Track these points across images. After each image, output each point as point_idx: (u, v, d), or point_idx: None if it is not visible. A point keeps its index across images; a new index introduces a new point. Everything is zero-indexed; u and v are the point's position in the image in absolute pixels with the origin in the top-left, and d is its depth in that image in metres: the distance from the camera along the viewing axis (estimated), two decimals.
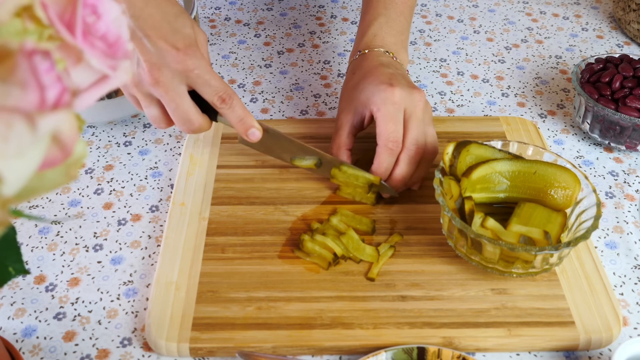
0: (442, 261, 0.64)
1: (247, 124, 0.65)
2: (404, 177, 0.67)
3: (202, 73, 0.62)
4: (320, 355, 0.58)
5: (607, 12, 1.07)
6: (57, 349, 0.58)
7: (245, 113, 0.65)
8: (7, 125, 0.25)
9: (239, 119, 0.65)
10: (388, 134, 0.65)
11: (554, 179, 0.64)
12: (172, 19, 0.61)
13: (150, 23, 0.60)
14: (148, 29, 0.60)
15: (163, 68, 0.60)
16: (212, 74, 0.63)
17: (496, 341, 0.57)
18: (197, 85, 0.63)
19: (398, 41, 0.74)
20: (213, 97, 0.63)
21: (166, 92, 0.61)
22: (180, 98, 0.62)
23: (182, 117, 0.63)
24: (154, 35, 0.60)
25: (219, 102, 0.63)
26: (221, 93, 0.63)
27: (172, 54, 0.60)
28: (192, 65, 0.61)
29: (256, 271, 0.63)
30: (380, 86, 0.66)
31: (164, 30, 0.61)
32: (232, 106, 0.64)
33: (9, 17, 0.27)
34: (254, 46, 0.98)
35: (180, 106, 0.62)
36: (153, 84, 0.61)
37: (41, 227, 0.69)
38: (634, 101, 0.75)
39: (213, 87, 0.63)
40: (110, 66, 0.30)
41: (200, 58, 0.62)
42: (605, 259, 0.67)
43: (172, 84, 0.61)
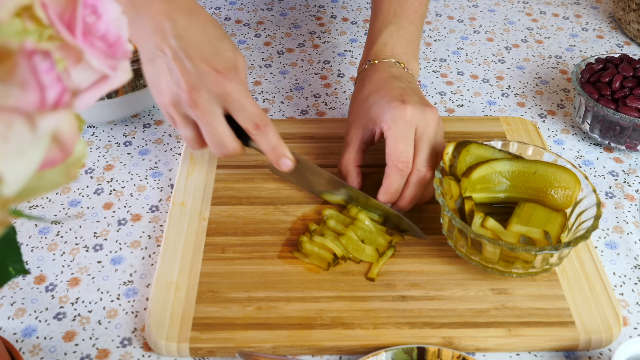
0: (442, 261, 0.64)
1: (280, 152, 0.64)
2: (414, 199, 0.65)
3: (240, 98, 0.61)
4: (320, 355, 0.58)
5: (607, 12, 1.07)
6: (57, 349, 0.58)
7: (278, 142, 0.64)
8: (7, 125, 0.25)
9: (271, 147, 0.64)
10: (398, 154, 0.63)
11: (554, 179, 0.64)
12: (215, 41, 0.61)
13: (192, 43, 0.60)
14: (190, 50, 0.60)
15: (202, 90, 0.60)
16: (249, 99, 0.62)
17: (496, 341, 0.57)
18: (233, 110, 0.62)
19: (409, 50, 0.72)
20: (248, 123, 0.62)
21: (203, 114, 0.61)
22: (217, 121, 0.61)
23: (216, 141, 0.62)
24: (196, 56, 0.60)
25: (253, 129, 0.62)
26: (256, 119, 0.62)
27: (212, 77, 0.60)
28: (231, 89, 0.60)
29: (256, 271, 0.63)
30: (392, 103, 0.64)
31: (206, 51, 0.60)
32: (266, 134, 0.63)
33: (9, 17, 0.27)
34: (254, 46, 0.98)
35: (216, 130, 0.62)
36: (191, 105, 0.60)
37: (41, 227, 0.69)
38: (634, 101, 0.75)
39: (249, 112, 0.62)
40: (110, 66, 0.30)
41: (239, 83, 0.61)
42: (605, 259, 0.67)
43: (209, 106, 0.60)
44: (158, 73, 0.61)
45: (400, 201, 0.66)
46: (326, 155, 0.76)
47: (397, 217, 0.66)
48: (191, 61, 0.60)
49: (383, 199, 0.65)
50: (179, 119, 0.63)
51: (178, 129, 0.64)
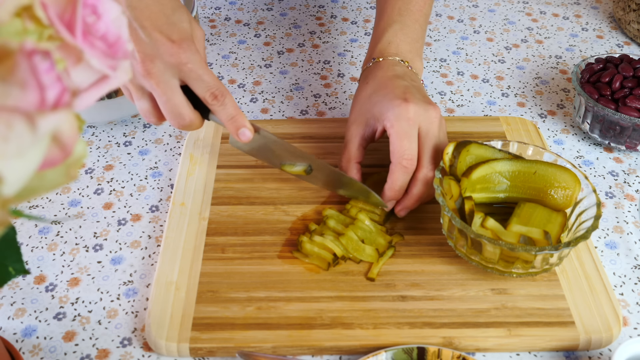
0: (442, 261, 0.64)
1: (239, 122, 0.64)
2: (421, 197, 0.65)
3: (195, 68, 0.60)
4: (320, 355, 0.58)
5: (607, 12, 1.07)
6: (57, 349, 0.58)
7: (237, 111, 0.63)
8: (7, 125, 0.25)
9: (230, 117, 0.63)
10: (403, 151, 0.63)
11: (554, 179, 0.64)
12: (170, 12, 0.61)
13: (146, 14, 0.59)
14: (144, 20, 0.59)
15: (156, 60, 0.59)
16: (206, 69, 0.61)
17: (496, 341, 0.57)
18: (189, 80, 0.61)
19: (413, 49, 0.72)
20: (205, 92, 0.62)
21: (158, 84, 0.60)
22: (172, 91, 0.61)
23: (172, 111, 0.62)
24: (150, 26, 0.59)
25: (211, 99, 0.62)
26: (213, 89, 0.62)
27: (167, 46, 0.59)
28: (186, 58, 0.60)
29: (256, 271, 0.63)
30: (395, 101, 0.64)
31: (160, 21, 0.60)
32: (224, 104, 0.63)
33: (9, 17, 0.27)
34: (254, 46, 0.98)
35: (171, 99, 0.61)
36: (145, 75, 0.59)
37: (41, 227, 0.69)
38: (634, 101, 0.75)
39: (205, 82, 0.61)
40: (110, 66, 0.30)
41: (194, 52, 0.61)
42: (605, 259, 0.67)
43: (164, 76, 0.60)
44: None
45: (406, 199, 0.66)
46: (326, 155, 0.76)
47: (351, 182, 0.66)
48: (145, 31, 0.59)
49: (388, 196, 0.65)
50: (134, 91, 0.62)
51: (134, 102, 0.63)
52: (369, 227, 0.66)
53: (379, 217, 0.67)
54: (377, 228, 0.66)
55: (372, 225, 0.66)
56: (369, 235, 0.65)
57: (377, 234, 0.65)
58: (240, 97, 0.88)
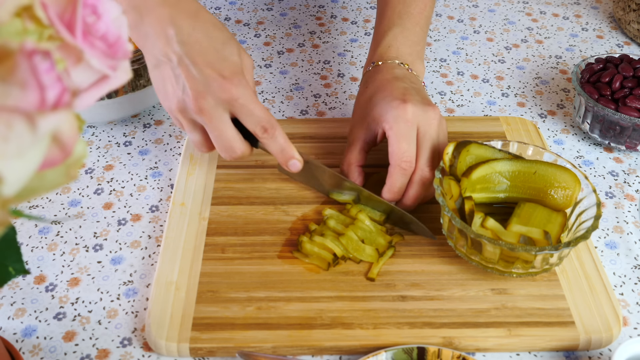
0: (442, 261, 0.64)
1: (288, 154, 0.65)
2: (417, 198, 0.66)
3: (247, 103, 0.61)
4: (320, 355, 0.58)
5: (607, 12, 1.07)
6: (57, 349, 0.58)
7: (287, 144, 0.64)
8: (7, 125, 0.25)
9: (280, 150, 0.64)
10: (401, 153, 0.63)
11: (554, 179, 0.64)
12: (220, 46, 0.61)
13: (197, 49, 0.60)
14: (195, 56, 0.60)
15: (207, 96, 0.60)
16: (257, 103, 0.62)
17: (496, 341, 0.57)
18: (240, 115, 0.62)
19: (413, 52, 0.72)
20: (256, 127, 0.62)
21: (210, 120, 0.61)
22: (224, 126, 0.62)
23: (225, 145, 0.63)
24: (201, 62, 0.60)
25: (261, 132, 0.63)
26: (264, 123, 0.62)
27: (218, 82, 0.60)
28: (237, 94, 0.60)
29: (256, 271, 0.63)
30: (393, 102, 0.64)
31: (211, 56, 0.60)
32: (274, 137, 0.63)
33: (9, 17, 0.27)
34: (254, 46, 0.98)
35: (224, 134, 0.62)
36: (197, 112, 0.60)
37: (41, 227, 0.69)
38: (634, 101, 0.75)
39: (256, 116, 0.62)
40: (110, 66, 0.30)
41: (245, 87, 0.61)
42: (605, 259, 0.67)
43: (216, 112, 0.60)
44: (164, 79, 0.61)
45: (404, 200, 0.66)
46: (326, 155, 0.76)
47: (407, 216, 0.66)
48: (196, 67, 0.59)
49: (387, 198, 0.66)
50: (186, 124, 0.63)
51: (187, 133, 0.65)
52: (369, 227, 0.66)
53: (379, 217, 0.67)
54: (377, 228, 0.66)
55: (372, 225, 0.66)
56: (369, 235, 0.65)
57: (377, 234, 0.65)
58: None
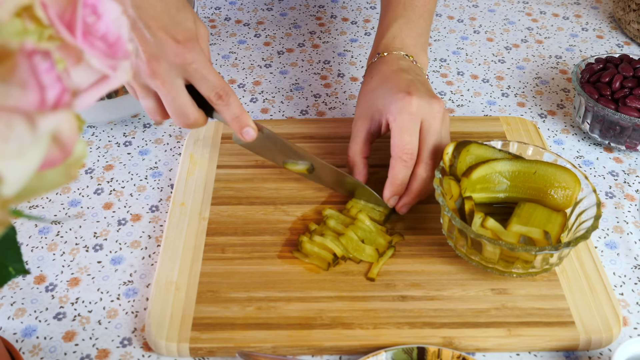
0: (442, 261, 0.64)
1: (243, 122, 0.65)
2: (421, 191, 0.65)
3: (200, 67, 0.61)
4: (320, 355, 0.58)
5: (607, 12, 1.07)
6: (57, 349, 0.58)
7: (241, 111, 0.64)
8: (7, 125, 0.25)
9: (234, 117, 0.64)
10: (403, 145, 0.63)
11: (554, 179, 0.64)
12: (174, 12, 0.61)
13: (151, 13, 0.60)
14: (149, 19, 0.59)
15: (161, 60, 0.60)
16: (211, 69, 0.62)
17: (496, 341, 0.57)
18: (194, 80, 0.62)
19: (418, 44, 0.72)
20: (210, 92, 0.62)
21: (163, 84, 0.61)
22: (177, 91, 0.61)
23: (177, 111, 0.63)
24: (155, 26, 0.59)
25: (216, 98, 0.63)
26: (218, 89, 0.62)
27: (172, 46, 0.60)
28: (191, 58, 0.60)
29: (256, 271, 0.63)
30: (398, 94, 0.64)
31: (165, 21, 0.60)
32: (229, 103, 0.63)
33: (9, 17, 0.27)
34: (254, 46, 0.98)
35: (177, 99, 0.62)
36: (150, 75, 0.60)
37: (41, 227, 0.69)
38: (634, 101, 0.75)
39: (210, 82, 0.62)
40: (110, 66, 0.30)
41: (199, 52, 0.61)
42: (605, 259, 0.67)
43: (169, 76, 0.60)
44: None
45: (407, 195, 0.66)
46: (326, 155, 0.76)
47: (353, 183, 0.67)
48: (150, 31, 0.59)
49: (389, 191, 0.65)
50: (139, 89, 0.62)
51: (139, 100, 0.64)
52: (369, 227, 0.66)
53: (379, 217, 0.67)
54: (377, 228, 0.66)
55: (372, 225, 0.66)
56: (369, 235, 0.65)
57: (377, 234, 0.65)
58: (240, 97, 0.88)
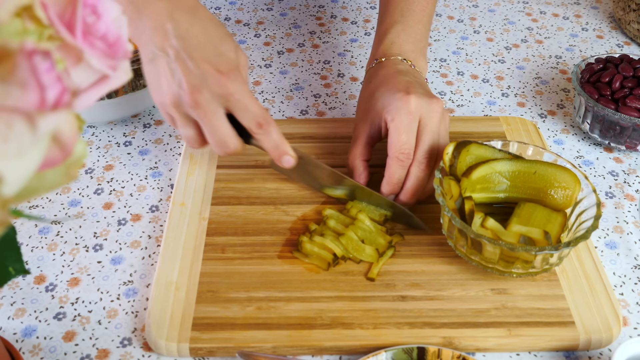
0: (442, 261, 0.64)
1: (282, 150, 0.65)
2: (416, 190, 0.65)
3: (242, 98, 0.61)
4: (320, 355, 0.58)
5: (607, 12, 1.07)
6: (57, 349, 0.58)
7: (281, 140, 0.64)
8: (7, 125, 0.25)
9: (274, 146, 0.64)
10: (399, 145, 0.63)
11: (554, 179, 0.64)
12: (217, 42, 0.61)
13: (195, 44, 0.60)
14: (193, 50, 0.60)
15: (204, 90, 0.60)
16: (252, 99, 0.62)
17: (496, 341, 0.57)
18: (235, 110, 0.62)
19: (416, 49, 0.73)
20: (251, 122, 0.62)
21: (205, 115, 0.61)
22: (219, 121, 0.61)
23: (219, 140, 0.63)
24: (198, 57, 0.60)
25: (256, 128, 0.63)
26: (259, 119, 0.62)
27: (215, 77, 0.60)
28: (233, 89, 0.60)
29: (256, 271, 0.63)
30: (396, 94, 0.65)
31: (208, 52, 0.60)
32: (269, 132, 0.63)
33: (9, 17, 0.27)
34: (254, 46, 0.98)
35: (219, 129, 0.62)
36: (193, 106, 0.60)
37: (41, 227, 0.69)
38: (634, 101, 0.75)
39: (252, 112, 0.62)
40: (110, 66, 0.30)
41: (241, 83, 0.61)
42: (605, 259, 0.67)
43: (211, 106, 0.60)
44: (159, 73, 0.61)
45: (402, 194, 0.66)
46: (326, 155, 0.76)
47: (399, 208, 0.66)
48: (194, 62, 0.59)
49: (385, 190, 0.66)
50: (179, 119, 0.63)
51: (178, 129, 0.64)
52: (369, 227, 0.66)
53: (379, 217, 0.67)
54: (377, 228, 0.66)
55: (372, 225, 0.66)
56: (369, 235, 0.65)
57: (377, 234, 0.65)
58: None
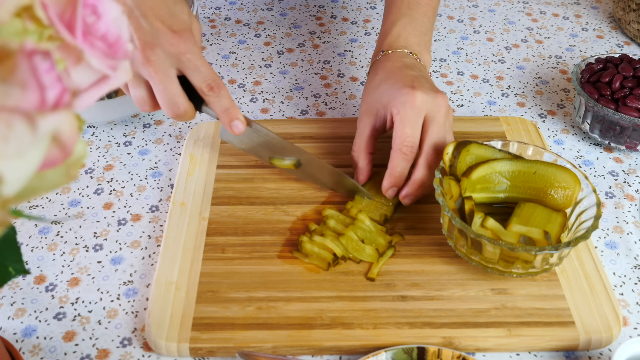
0: (442, 261, 0.64)
1: (232, 114, 0.65)
2: (423, 182, 0.65)
3: (194, 58, 0.62)
4: (320, 355, 0.58)
5: (607, 12, 1.07)
6: (57, 349, 0.58)
7: (231, 104, 0.65)
8: (7, 125, 0.25)
9: (224, 109, 0.64)
10: (403, 138, 0.64)
11: (554, 179, 0.64)
12: (171, 3, 0.62)
13: (149, 3, 0.60)
14: (146, 9, 0.60)
15: (156, 48, 0.60)
16: (203, 61, 0.63)
17: (496, 341, 0.57)
18: (187, 70, 0.62)
19: (422, 42, 0.73)
20: (202, 83, 0.63)
21: (156, 72, 0.61)
22: (169, 80, 0.62)
23: (168, 100, 0.63)
24: (151, 15, 0.60)
25: (207, 89, 0.63)
26: (210, 81, 0.63)
27: (167, 36, 0.60)
28: (185, 49, 0.61)
29: (256, 271, 0.63)
30: (403, 89, 0.65)
31: (162, 11, 0.61)
32: (219, 95, 0.64)
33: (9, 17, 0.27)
34: (254, 46, 0.98)
35: (168, 88, 0.62)
36: (144, 63, 0.60)
37: (41, 227, 0.69)
38: (634, 101, 0.75)
39: (203, 73, 0.62)
40: (110, 66, 0.30)
41: (194, 43, 0.62)
42: (605, 259, 0.67)
43: (163, 64, 0.61)
44: None
45: (409, 186, 0.66)
46: (326, 155, 0.76)
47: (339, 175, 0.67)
48: (147, 19, 0.60)
49: (387, 183, 0.66)
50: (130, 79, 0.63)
51: (130, 90, 0.64)
52: (369, 227, 0.66)
53: (379, 217, 0.67)
54: (377, 228, 0.66)
55: (372, 225, 0.66)
56: (369, 235, 0.65)
57: (377, 234, 0.65)
58: (240, 97, 0.88)
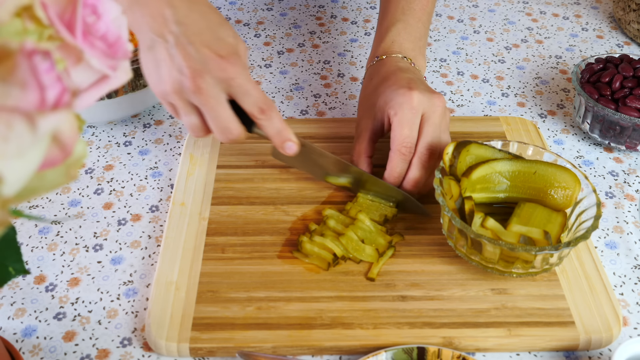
0: (442, 261, 0.64)
1: (285, 136, 0.64)
2: (417, 182, 0.66)
3: (244, 82, 0.61)
4: (320, 355, 0.58)
5: (607, 12, 1.07)
6: (57, 349, 0.58)
7: (283, 126, 0.64)
8: (7, 125, 0.25)
9: (276, 131, 0.64)
10: (402, 139, 0.64)
11: (554, 179, 0.64)
12: (216, 27, 0.61)
13: (194, 30, 0.59)
14: (192, 35, 0.59)
15: (205, 75, 0.59)
16: (253, 84, 0.61)
17: (496, 341, 0.57)
18: (237, 95, 0.61)
19: (416, 47, 0.73)
20: (253, 107, 0.62)
21: (207, 100, 0.60)
22: (221, 106, 0.61)
23: (221, 126, 0.62)
24: (198, 42, 0.59)
25: (259, 113, 0.62)
26: (261, 104, 0.62)
27: (215, 61, 0.59)
28: (234, 73, 0.60)
29: (256, 271, 0.63)
30: (399, 90, 0.65)
31: (208, 37, 0.60)
32: (271, 118, 0.63)
33: (9, 17, 0.27)
34: (254, 46, 0.98)
35: (221, 115, 0.61)
36: (195, 91, 0.59)
37: (41, 227, 0.69)
38: (634, 101, 0.75)
39: (253, 97, 0.61)
40: (110, 66, 0.30)
41: (242, 67, 0.61)
42: (605, 259, 0.67)
43: (213, 91, 0.60)
44: (158, 60, 0.60)
45: (404, 184, 0.66)
46: None
47: (404, 195, 0.67)
48: (194, 47, 0.59)
49: (388, 182, 0.66)
50: (182, 106, 0.62)
51: (181, 117, 0.63)
52: (369, 227, 0.66)
53: (379, 217, 0.67)
54: (377, 228, 0.66)
55: (372, 225, 0.66)
56: (369, 235, 0.65)
57: (377, 234, 0.65)
58: None
